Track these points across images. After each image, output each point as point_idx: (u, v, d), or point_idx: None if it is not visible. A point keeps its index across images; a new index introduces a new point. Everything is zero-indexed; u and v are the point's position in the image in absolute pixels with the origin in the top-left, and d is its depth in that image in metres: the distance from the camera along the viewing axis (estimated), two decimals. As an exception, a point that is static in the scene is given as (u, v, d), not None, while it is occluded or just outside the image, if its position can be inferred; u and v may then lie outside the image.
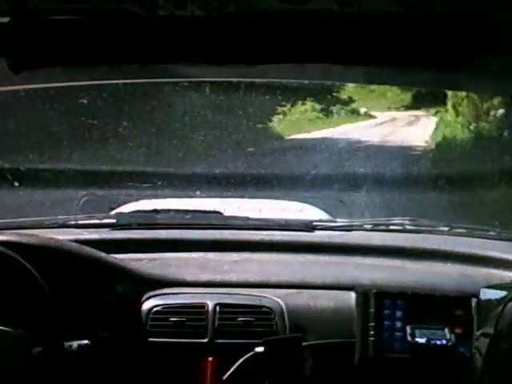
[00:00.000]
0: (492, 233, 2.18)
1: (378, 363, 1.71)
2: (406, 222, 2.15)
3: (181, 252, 1.99)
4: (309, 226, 2.09)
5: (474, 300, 1.73)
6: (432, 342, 1.68)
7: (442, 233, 2.15)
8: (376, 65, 1.20)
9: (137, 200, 2.55)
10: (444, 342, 1.68)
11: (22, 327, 1.55)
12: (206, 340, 1.71)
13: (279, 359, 1.70)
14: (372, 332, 1.71)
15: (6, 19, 0.98)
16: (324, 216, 2.49)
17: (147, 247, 1.99)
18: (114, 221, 2.11)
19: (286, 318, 1.73)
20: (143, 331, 1.71)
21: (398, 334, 1.71)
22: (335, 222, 2.32)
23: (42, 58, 1.13)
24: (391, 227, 2.12)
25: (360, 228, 2.12)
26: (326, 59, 1.17)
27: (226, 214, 2.30)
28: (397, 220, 2.17)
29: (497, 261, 1.90)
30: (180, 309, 1.74)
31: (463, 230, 2.26)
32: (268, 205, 2.50)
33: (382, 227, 2.12)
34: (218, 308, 1.73)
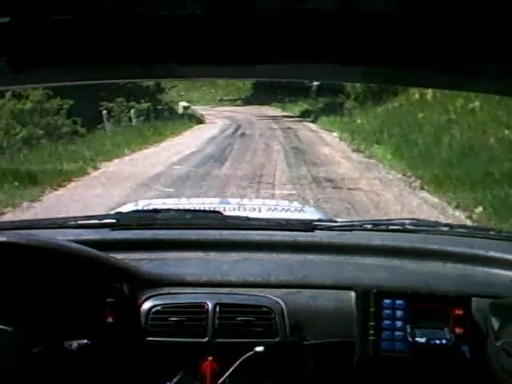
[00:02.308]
0: (492, 232, 2.18)
1: (378, 363, 1.71)
2: (406, 221, 2.15)
3: (181, 252, 1.99)
4: (309, 226, 2.09)
5: (474, 300, 1.73)
6: (432, 341, 1.68)
7: (442, 233, 2.15)
8: (376, 65, 1.20)
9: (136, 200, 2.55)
10: (444, 341, 1.68)
11: (22, 326, 1.56)
12: (205, 340, 1.71)
13: (279, 359, 1.70)
14: (372, 332, 1.71)
15: (5, 19, 0.98)
16: (324, 216, 2.50)
17: (147, 247, 1.99)
18: (113, 221, 2.11)
19: (285, 317, 1.73)
20: (143, 331, 1.71)
21: (397, 333, 1.71)
22: (335, 222, 2.33)
23: (42, 58, 1.13)
24: (391, 227, 2.12)
25: (360, 228, 2.12)
26: (326, 59, 1.18)
27: (226, 213, 2.30)
28: (397, 220, 2.17)
29: (497, 261, 1.90)
30: (180, 308, 1.74)
31: (463, 230, 2.27)
32: (268, 205, 2.51)
33: (382, 227, 2.12)
34: (217, 308, 1.73)
